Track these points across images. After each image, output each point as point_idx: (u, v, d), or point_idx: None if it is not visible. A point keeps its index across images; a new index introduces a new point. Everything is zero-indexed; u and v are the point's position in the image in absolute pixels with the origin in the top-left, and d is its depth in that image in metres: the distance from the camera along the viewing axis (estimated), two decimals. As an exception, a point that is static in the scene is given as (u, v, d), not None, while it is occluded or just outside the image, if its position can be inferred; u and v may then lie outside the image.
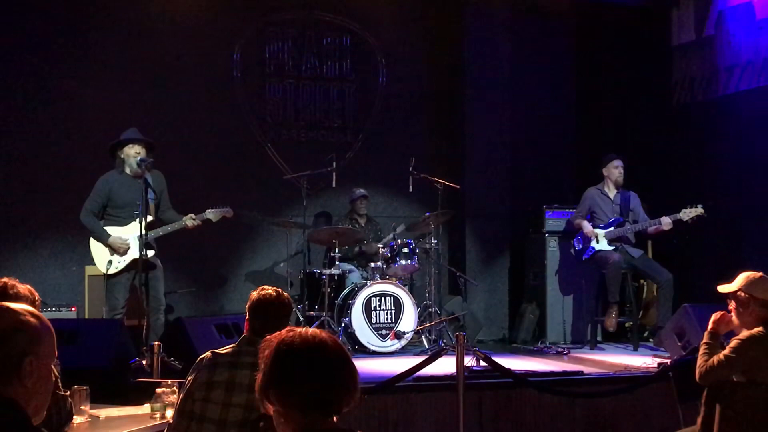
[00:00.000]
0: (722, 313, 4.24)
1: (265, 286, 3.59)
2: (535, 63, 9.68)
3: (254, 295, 3.55)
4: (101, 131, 8.12)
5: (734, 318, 4.17)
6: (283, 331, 2.15)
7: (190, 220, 6.90)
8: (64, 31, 8.50)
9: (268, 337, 2.17)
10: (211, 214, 7.02)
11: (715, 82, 8.51)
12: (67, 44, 8.50)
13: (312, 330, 2.15)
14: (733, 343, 4.03)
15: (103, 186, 6.90)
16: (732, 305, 4.19)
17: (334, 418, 2.09)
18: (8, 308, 2.05)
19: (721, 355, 4.01)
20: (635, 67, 9.36)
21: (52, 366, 2.14)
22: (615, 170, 7.93)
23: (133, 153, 6.85)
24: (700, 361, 4.11)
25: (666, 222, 7.52)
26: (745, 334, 4.05)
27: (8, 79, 8.34)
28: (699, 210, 7.40)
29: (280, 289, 3.59)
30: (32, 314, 2.05)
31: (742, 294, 4.12)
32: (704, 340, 4.19)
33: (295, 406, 2.06)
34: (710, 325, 4.22)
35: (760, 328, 4.02)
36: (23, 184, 8.32)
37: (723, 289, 4.25)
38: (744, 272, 4.21)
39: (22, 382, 1.98)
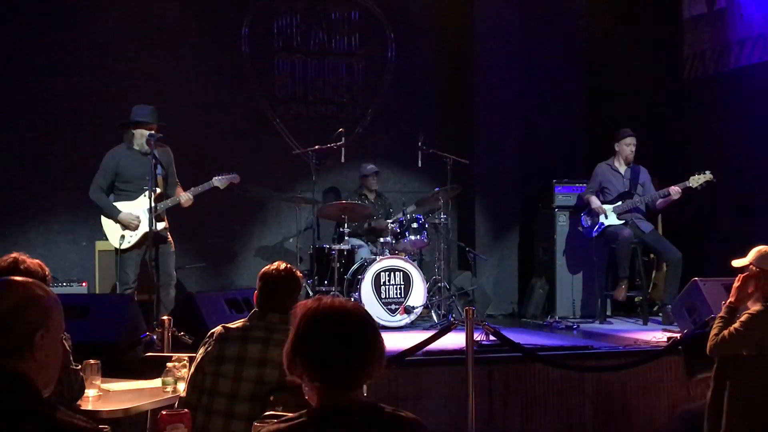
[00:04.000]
0: (745, 277, 4.16)
1: (278, 262, 3.60)
2: (546, 37, 9.61)
3: (264, 270, 3.57)
4: (111, 107, 8.14)
5: (751, 290, 4.15)
6: (312, 299, 2.15)
7: (185, 198, 6.88)
8: (73, 7, 8.47)
9: (300, 302, 2.17)
10: (217, 181, 7.01)
11: (726, 55, 8.43)
12: (77, 20, 8.48)
13: (339, 299, 2.14)
14: (744, 317, 4.03)
15: (111, 161, 6.90)
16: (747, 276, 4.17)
17: (364, 388, 2.09)
18: (19, 282, 2.06)
19: (732, 329, 4.01)
20: (646, 40, 9.27)
21: (63, 340, 2.15)
22: (627, 147, 7.87)
23: (145, 132, 6.82)
24: (712, 333, 4.11)
25: (675, 191, 7.48)
26: (756, 308, 4.04)
27: (18, 58, 8.33)
28: (708, 176, 7.36)
29: (290, 266, 3.59)
30: (41, 288, 2.07)
31: (754, 268, 4.11)
32: (721, 314, 4.16)
33: (320, 377, 2.06)
34: (731, 297, 4.17)
35: (771, 303, 4.02)
36: (34, 160, 8.34)
37: (736, 263, 4.24)
38: (757, 246, 4.19)
39: (34, 355, 1.99)
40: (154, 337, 5.41)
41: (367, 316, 2.14)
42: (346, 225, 8.09)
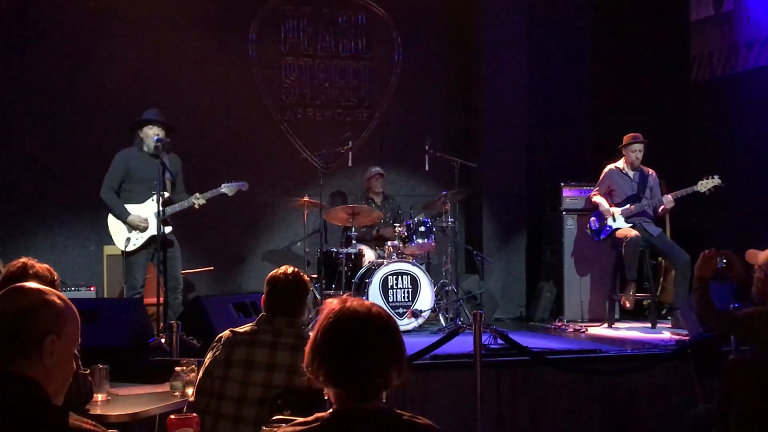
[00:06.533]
0: (707, 252, 4.28)
1: (285, 266, 3.60)
2: (553, 39, 9.60)
3: (271, 274, 3.57)
4: (119, 111, 8.16)
5: (754, 289, 4.16)
6: (338, 299, 2.12)
7: (196, 200, 6.89)
8: (81, 11, 8.50)
9: (326, 301, 2.16)
10: (226, 188, 7.02)
11: (734, 58, 8.42)
12: (85, 25, 8.51)
13: (365, 302, 2.11)
14: (752, 310, 4.06)
15: (122, 160, 6.93)
16: (756, 274, 4.19)
17: (384, 395, 2.08)
18: (32, 288, 2.07)
19: (737, 313, 4.04)
20: (654, 42, 9.27)
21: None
22: (632, 154, 7.82)
23: (152, 134, 6.86)
24: (696, 302, 4.20)
25: (668, 200, 7.50)
26: (765, 308, 4.03)
27: (26, 61, 8.36)
28: (716, 180, 7.34)
29: (297, 270, 3.59)
30: (57, 296, 2.06)
31: (760, 274, 4.10)
32: (695, 286, 4.32)
33: (337, 381, 2.05)
34: (696, 271, 4.29)
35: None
36: (42, 164, 8.36)
37: (751, 253, 4.24)
38: None
39: (42, 360, 1.99)
40: (162, 341, 5.43)
41: (390, 321, 2.11)
42: (353, 229, 8.09)
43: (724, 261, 4.34)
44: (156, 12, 8.70)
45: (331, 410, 2.07)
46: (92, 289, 7.69)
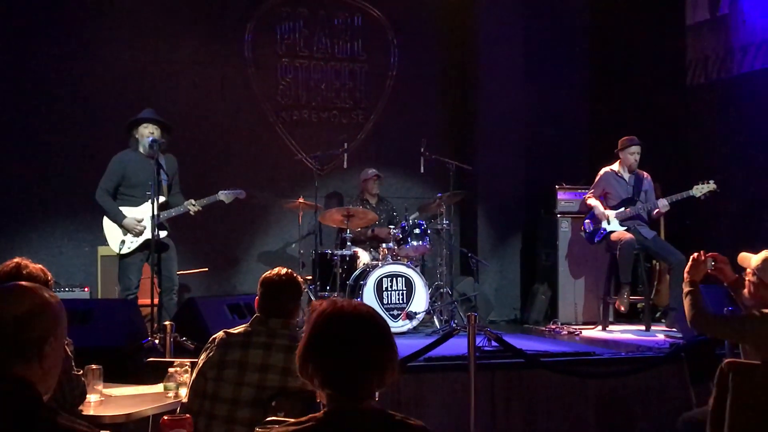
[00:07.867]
0: (696, 255, 4.26)
1: (279, 268, 3.60)
2: (549, 42, 9.61)
3: (265, 275, 3.57)
4: (114, 112, 8.15)
5: (747, 292, 4.16)
6: (327, 300, 2.13)
7: (191, 206, 6.87)
8: (77, 13, 8.49)
9: (314, 302, 2.16)
10: (223, 195, 7.01)
11: (729, 61, 8.43)
12: (81, 24, 8.50)
13: (354, 303, 2.12)
14: (744, 314, 4.06)
15: (118, 165, 6.91)
16: (748, 278, 4.18)
17: (376, 395, 2.08)
18: (32, 288, 2.05)
19: (730, 316, 4.04)
20: (649, 46, 9.27)
21: (65, 345, 2.15)
22: (631, 156, 7.82)
23: (147, 133, 6.84)
24: (688, 306, 4.19)
25: (663, 203, 7.51)
26: (761, 312, 4.03)
27: (24, 60, 8.35)
28: (711, 185, 7.35)
29: (291, 271, 3.59)
30: (50, 294, 2.06)
31: (752, 277, 4.09)
32: (685, 290, 4.27)
33: (330, 382, 2.05)
34: (686, 275, 4.27)
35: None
36: (36, 164, 8.34)
37: (743, 256, 4.22)
38: (765, 251, 4.16)
39: (41, 363, 1.98)
40: (156, 342, 5.42)
41: (380, 321, 2.12)
42: (348, 230, 8.09)
43: (713, 263, 4.32)
44: (152, 13, 8.69)
45: (324, 410, 2.07)
46: (86, 289, 7.69)
